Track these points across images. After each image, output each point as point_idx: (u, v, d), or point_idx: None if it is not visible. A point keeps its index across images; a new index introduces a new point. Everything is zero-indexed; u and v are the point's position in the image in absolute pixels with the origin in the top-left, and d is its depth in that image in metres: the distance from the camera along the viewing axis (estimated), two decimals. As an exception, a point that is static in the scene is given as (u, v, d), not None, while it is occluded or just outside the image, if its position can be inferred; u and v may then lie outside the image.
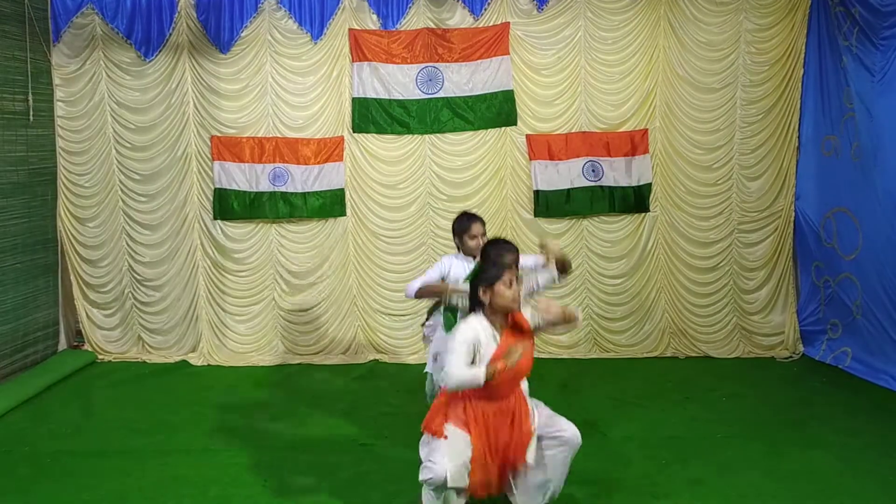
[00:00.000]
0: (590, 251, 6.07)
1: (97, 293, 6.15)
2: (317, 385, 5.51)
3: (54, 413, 4.95)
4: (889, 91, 5.08)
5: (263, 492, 3.76)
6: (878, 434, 4.43)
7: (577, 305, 6.06)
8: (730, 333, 6.10)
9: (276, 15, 5.84)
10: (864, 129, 5.32)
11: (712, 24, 5.83)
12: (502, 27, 5.85)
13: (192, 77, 5.91)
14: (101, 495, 3.74)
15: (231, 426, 4.67)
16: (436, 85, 5.90)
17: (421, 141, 5.97)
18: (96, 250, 6.09)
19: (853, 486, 3.77)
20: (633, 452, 4.17)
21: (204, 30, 5.81)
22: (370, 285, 6.10)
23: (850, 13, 5.39)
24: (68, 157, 6.00)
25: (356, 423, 4.69)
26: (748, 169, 5.99)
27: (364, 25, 5.87)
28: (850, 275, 5.59)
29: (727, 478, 3.84)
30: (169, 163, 5.98)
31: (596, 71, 5.90)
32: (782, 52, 5.86)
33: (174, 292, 6.11)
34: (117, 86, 5.91)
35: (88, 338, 6.18)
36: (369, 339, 6.14)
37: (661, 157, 6.01)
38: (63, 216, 6.04)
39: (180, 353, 6.13)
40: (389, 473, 3.95)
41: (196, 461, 4.13)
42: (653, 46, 5.88)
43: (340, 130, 5.97)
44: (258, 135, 5.92)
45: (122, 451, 4.28)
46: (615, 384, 5.40)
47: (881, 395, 5.13)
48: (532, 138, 5.94)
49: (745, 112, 5.93)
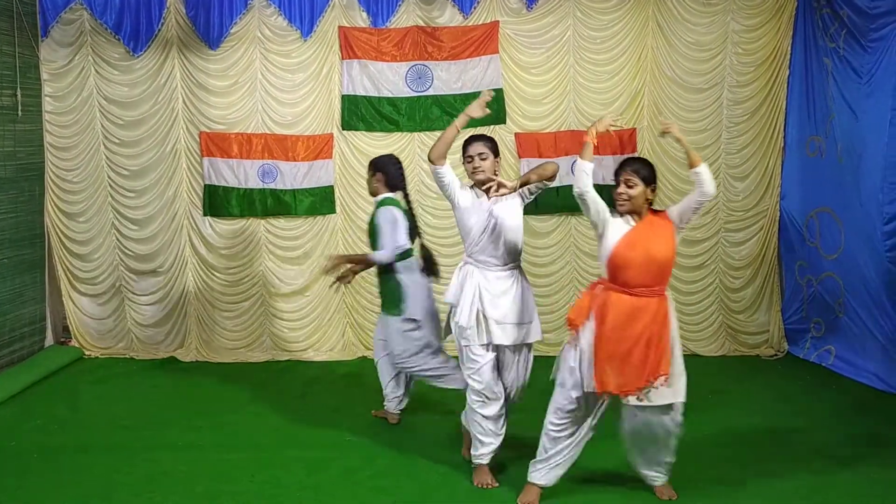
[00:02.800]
0: (578, 250, 6.11)
1: (85, 289, 6.13)
2: (305, 382, 5.52)
3: (41, 409, 4.93)
4: (876, 93, 5.13)
5: (251, 487, 3.78)
6: (862, 429, 4.49)
7: (565, 304, 6.10)
8: (716, 332, 6.16)
9: (265, 12, 5.83)
10: (848, 130, 5.38)
11: (700, 24, 5.88)
12: (492, 26, 5.87)
13: (181, 73, 5.89)
14: (88, 491, 3.74)
15: (219, 422, 4.68)
16: (425, 83, 5.92)
17: (410, 139, 5.99)
18: (84, 246, 6.07)
19: (837, 481, 3.82)
20: (618, 448, 4.19)
21: (193, 26, 5.80)
22: (359, 282, 6.09)
23: (837, 15, 5.44)
24: (56, 152, 5.97)
25: (344, 420, 4.70)
26: (734, 168, 6.04)
27: (354, 23, 5.88)
28: (833, 273, 5.66)
29: (709, 472, 3.89)
30: (158, 158, 5.97)
31: (585, 70, 5.93)
32: (768, 53, 5.92)
33: (163, 289, 6.10)
34: (106, 81, 5.90)
35: (75, 334, 6.16)
36: (358, 337, 6.16)
37: (649, 156, 6.03)
38: (51, 211, 6.02)
39: (168, 350, 6.13)
40: (377, 469, 3.98)
41: (184, 457, 4.13)
42: (641, 46, 5.92)
43: (330, 128, 5.97)
44: (247, 131, 5.91)
45: (109, 447, 4.28)
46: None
47: (864, 393, 5.20)
48: (521, 137, 5.97)
49: (731, 112, 5.98)
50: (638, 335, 3.33)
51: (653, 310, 3.34)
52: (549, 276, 6.06)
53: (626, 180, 3.41)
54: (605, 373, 3.34)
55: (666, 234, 3.41)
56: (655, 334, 3.34)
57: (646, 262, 3.33)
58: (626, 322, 3.33)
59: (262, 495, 3.70)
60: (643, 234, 3.38)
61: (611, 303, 3.36)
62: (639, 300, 3.34)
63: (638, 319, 3.33)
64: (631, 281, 3.35)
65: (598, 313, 3.38)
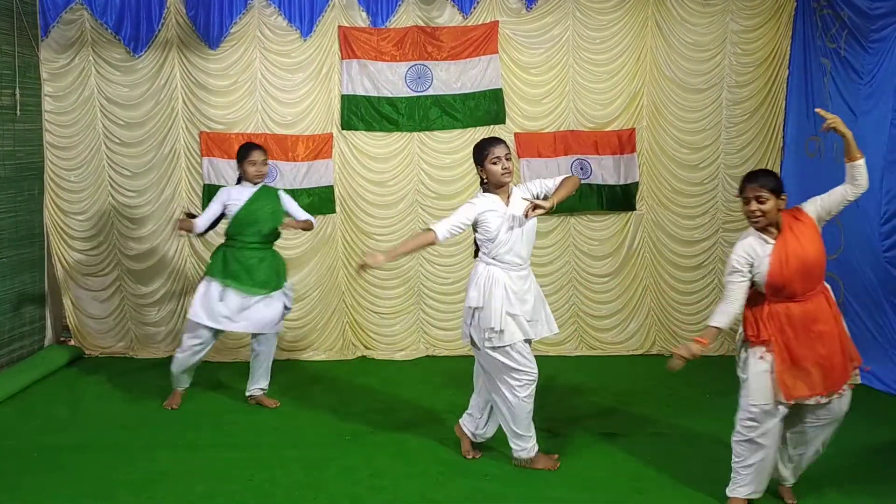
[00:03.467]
0: (577, 249, 6.12)
1: (84, 288, 6.14)
2: (304, 381, 5.53)
3: (41, 408, 4.95)
4: (877, 94, 5.13)
5: (249, 487, 3.78)
6: (860, 430, 4.49)
7: (564, 303, 6.12)
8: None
9: (265, 11, 5.84)
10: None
11: (699, 25, 5.88)
12: (491, 26, 5.87)
13: (182, 73, 5.90)
14: (88, 490, 3.75)
15: (217, 421, 4.69)
16: (425, 83, 5.93)
17: (410, 138, 6.00)
18: (84, 244, 6.07)
19: (837, 477, 3.83)
20: (616, 451, 4.21)
21: (193, 26, 5.81)
22: (359, 282, 6.12)
23: (838, 16, 5.44)
24: (56, 151, 5.98)
25: (343, 419, 4.71)
26: (734, 169, 6.04)
27: (353, 23, 5.89)
28: (833, 274, 5.65)
29: (711, 474, 3.89)
30: (158, 158, 5.97)
31: (584, 70, 5.94)
32: (767, 53, 5.92)
33: (163, 288, 6.11)
34: (106, 81, 5.90)
35: (75, 333, 6.17)
36: (357, 336, 6.16)
37: (648, 156, 6.06)
38: (50, 211, 6.03)
39: (168, 349, 6.12)
40: (376, 468, 3.98)
41: (182, 456, 4.14)
42: (640, 47, 5.92)
43: (329, 127, 5.98)
44: (247, 131, 5.92)
45: (108, 446, 4.29)
46: (601, 381, 5.45)
47: (862, 393, 5.18)
48: (520, 136, 5.97)
49: (730, 112, 5.98)
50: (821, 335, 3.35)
51: (825, 307, 3.37)
52: (548, 276, 6.05)
53: (756, 196, 3.34)
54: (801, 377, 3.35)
55: (811, 234, 3.36)
56: (835, 330, 3.38)
57: (802, 271, 3.31)
58: (806, 327, 3.34)
59: (260, 494, 3.71)
60: (790, 245, 3.32)
61: (782, 314, 3.36)
62: (806, 304, 3.36)
63: (818, 321, 3.35)
64: (795, 293, 3.34)
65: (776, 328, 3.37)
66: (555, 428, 4.50)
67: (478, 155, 3.85)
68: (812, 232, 3.38)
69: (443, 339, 6.16)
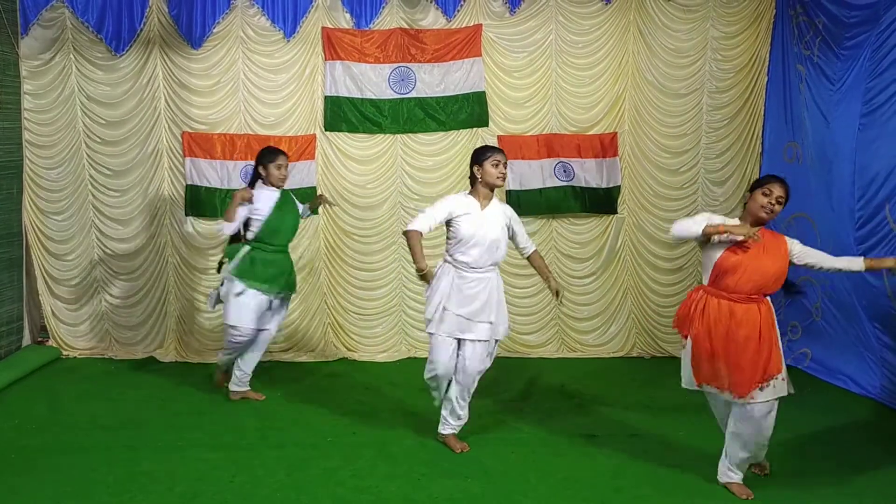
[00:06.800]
0: (559, 252, 6.16)
1: (63, 288, 6.08)
2: (286, 382, 5.51)
3: (19, 409, 4.89)
4: (846, 99, 5.22)
5: (230, 488, 3.77)
6: (833, 432, 4.57)
7: (545, 306, 6.16)
8: (694, 334, 6.22)
9: (248, 12, 5.82)
10: (820, 136, 5.47)
11: (680, 30, 5.96)
12: (475, 29, 5.91)
13: (164, 72, 5.87)
14: (67, 491, 3.71)
15: (198, 423, 4.66)
16: (408, 85, 5.94)
17: (393, 140, 6.01)
18: (63, 245, 6.02)
19: (809, 482, 3.88)
20: (596, 452, 4.25)
21: (175, 25, 5.78)
22: (340, 283, 6.12)
23: (813, 23, 5.53)
24: (35, 150, 5.92)
25: (325, 420, 4.71)
26: (713, 173, 6.12)
27: (337, 24, 5.89)
28: (810, 278, 5.74)
29: (687, 475, 3.93)
30: (140, 158, 5.93)
31: (566, 74, 5.99)
32: (747, 59, 6.01)
33: (143, 288, 6.07)
34: (88, 80, 5.85)
35: (53, 333, 6.10)
36: (339, 338, 6.16)
37: (630, 159, 6.11)
38: (29, 210, 5.96)
39: (147, 350, 6.09)
40: (358, 469, 3.98)
41: (163, 457, 4.11)
42: (622, 51, 5.98)
43: (312, 128, 5.98)
44: (230, 131, 5.90)
45: (87, 447, 4.25)
46: (582, 384, 5.48)
47: (838, 396, 5.29)
48: (504, 139, 6.00)
49: (710, 117, 6.06)
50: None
51: (755, 316, 3.55)
52: (529, 278, 6.08)
53: (778, 198, 3.57)
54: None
55: (779, 254, 3.61)
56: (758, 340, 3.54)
57: (757, 271, 3.54)
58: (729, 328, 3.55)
59: (241, 495, 3.69)
60: (758, 247, 3.55)
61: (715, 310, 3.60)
62: (741, 306, 3.56)
63: (742, 326, 3.54)
64: (739, 289, 3.55)
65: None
66: (535, 428, 4.55)
67: (479, 155, 4.11)
68: (781, 253, 3.60)
69: (424, 340, 6.10)
